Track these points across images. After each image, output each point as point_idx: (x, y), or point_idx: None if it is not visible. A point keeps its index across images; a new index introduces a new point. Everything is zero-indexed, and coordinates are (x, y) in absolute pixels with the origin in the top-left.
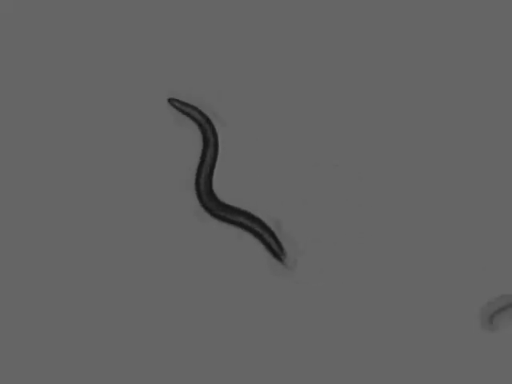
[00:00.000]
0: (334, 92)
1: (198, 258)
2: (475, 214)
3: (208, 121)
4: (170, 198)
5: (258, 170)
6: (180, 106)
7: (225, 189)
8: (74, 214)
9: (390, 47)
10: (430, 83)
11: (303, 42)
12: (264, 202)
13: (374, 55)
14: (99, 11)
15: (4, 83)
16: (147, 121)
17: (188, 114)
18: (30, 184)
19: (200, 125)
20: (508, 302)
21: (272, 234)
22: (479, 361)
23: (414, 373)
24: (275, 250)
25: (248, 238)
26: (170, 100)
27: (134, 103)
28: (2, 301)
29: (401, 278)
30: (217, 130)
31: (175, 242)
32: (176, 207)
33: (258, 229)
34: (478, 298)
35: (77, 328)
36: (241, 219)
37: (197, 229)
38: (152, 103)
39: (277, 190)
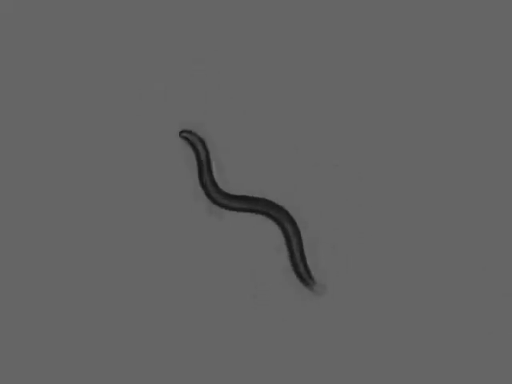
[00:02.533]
0: (334, 92)
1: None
2: (475, 214)
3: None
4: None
5: (258, 170)
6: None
7: (227, 188)
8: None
9: (389, 47)
10: (429, 83)
11: (304, 42)
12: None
13: (373, 55)
14: (99, 11)
15: (4, 83)
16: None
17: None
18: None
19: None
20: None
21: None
22: (478, 360)
23: (414, 373)
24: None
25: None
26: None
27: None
28: (2, 301)
29: (401, 277)
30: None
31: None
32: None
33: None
34: (478, 298)
35: (79, 327)
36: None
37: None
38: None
39: (277, 190)
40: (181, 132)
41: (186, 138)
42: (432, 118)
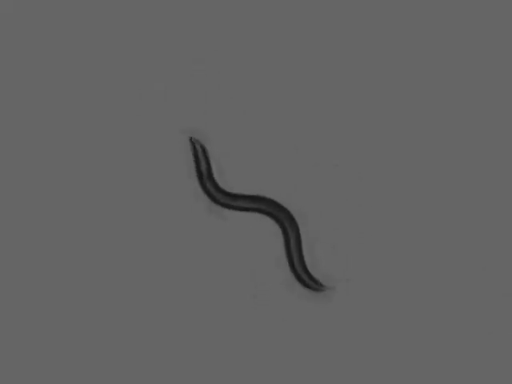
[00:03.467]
0: (333, 93)
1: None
2: (475, 214)
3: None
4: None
5: (258, 169)
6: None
7: (226, 187)
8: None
9: (389, 47)
10: (429, 83)
11: (303, 42)
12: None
13: (373, 55)
14: (99, 12)
15: (4, 83)
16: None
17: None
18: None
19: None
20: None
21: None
22: (479, 360)
23: (413, 373)
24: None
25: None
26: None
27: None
28: (2, 301)
29: (401, 277)
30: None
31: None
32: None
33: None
34: (478, 298)
35: (79, 328)
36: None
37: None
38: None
39: (277, 190)
40: (191, 139)
41: (193, 144)
42: (431, 118)
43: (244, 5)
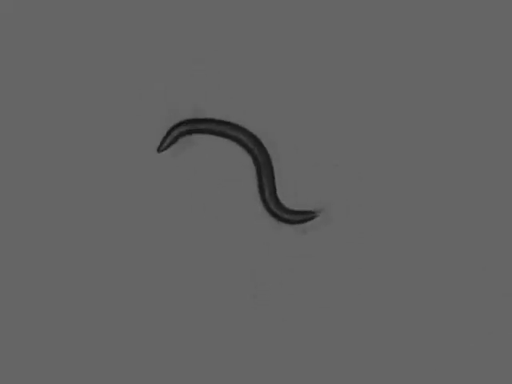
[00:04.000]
0: (333, 92)
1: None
2: (475, 214)
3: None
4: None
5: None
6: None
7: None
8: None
9: (389, 47)
10: (429, 83)
11: (303, 41)
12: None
13: (373, 55)
14: (99, 11)
15: (4, 83)
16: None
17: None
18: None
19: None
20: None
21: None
22: (479, 360)
23: (413, 373)
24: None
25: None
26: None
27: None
28: (2, 301)
29: (401, 278)
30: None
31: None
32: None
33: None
34: (478, 298)
35: (77, 328)
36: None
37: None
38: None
39: (277, 190)
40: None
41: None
42: (431, 118)
43: (244, 5)
